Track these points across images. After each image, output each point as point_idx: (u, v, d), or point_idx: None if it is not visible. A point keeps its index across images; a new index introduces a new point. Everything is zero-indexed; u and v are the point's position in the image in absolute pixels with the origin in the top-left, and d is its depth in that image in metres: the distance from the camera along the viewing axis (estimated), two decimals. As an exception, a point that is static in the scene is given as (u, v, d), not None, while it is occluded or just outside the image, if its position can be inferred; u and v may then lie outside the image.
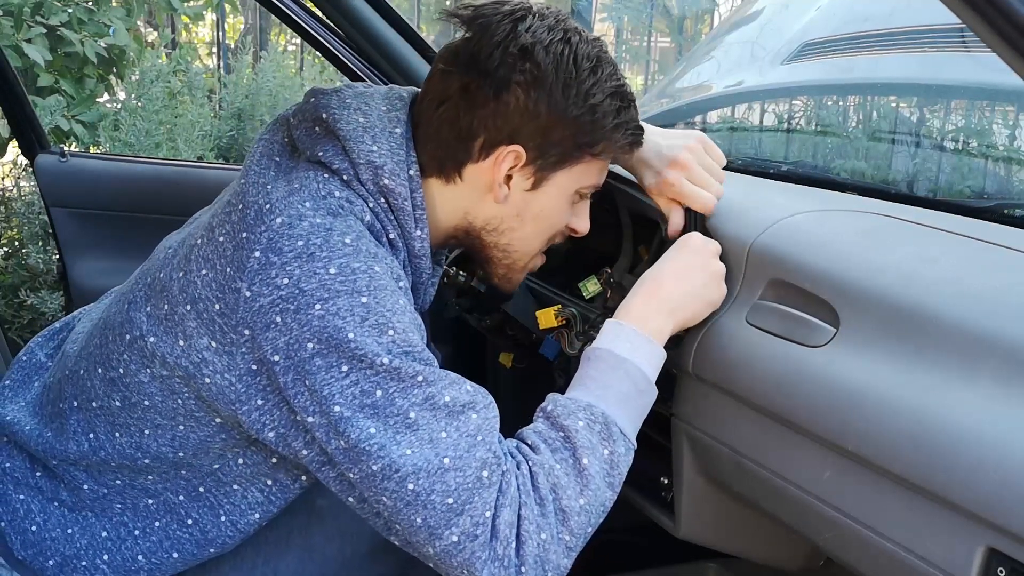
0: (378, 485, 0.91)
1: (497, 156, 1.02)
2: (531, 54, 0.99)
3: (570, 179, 1.07)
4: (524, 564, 0.92)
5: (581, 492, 0.95)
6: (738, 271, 1.06)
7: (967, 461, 0.73)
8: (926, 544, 0.78)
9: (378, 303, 0.92)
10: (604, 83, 1.02)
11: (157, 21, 4.38)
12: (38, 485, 1.07)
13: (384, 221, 1.00)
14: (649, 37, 5.86)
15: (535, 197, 1.07)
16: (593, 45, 1.03)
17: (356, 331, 0.90)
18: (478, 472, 0.92)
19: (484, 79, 1.00)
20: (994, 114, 1.51)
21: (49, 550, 1.05)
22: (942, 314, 0.83)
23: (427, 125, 1.04)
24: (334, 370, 0.90)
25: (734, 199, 1.19)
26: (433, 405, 0.92)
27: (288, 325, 0.90)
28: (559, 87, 1.00)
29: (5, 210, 3.22)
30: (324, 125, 1.02)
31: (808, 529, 0.94)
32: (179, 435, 1.01)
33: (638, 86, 5.99)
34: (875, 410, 0.82)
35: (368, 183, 0.99)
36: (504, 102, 1.00)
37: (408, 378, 0.91)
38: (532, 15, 1.02)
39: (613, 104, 1.03)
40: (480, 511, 0.91)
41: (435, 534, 0.91)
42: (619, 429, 0.99)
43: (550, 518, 0.94)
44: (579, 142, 1.04)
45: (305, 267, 0.91)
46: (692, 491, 1.13)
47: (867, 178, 1.49)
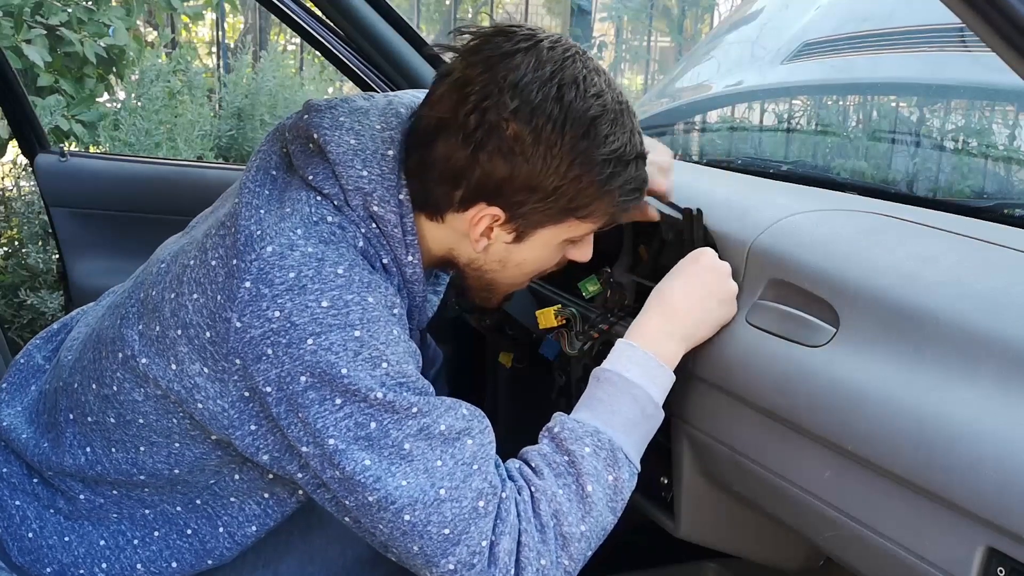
0: (374, 515, 0.91)
1: (476, 212, 0.98)
2: (515, 118, 0.92)
3: (557, 234, 1.02)
4: None
5: (583, 518, 0.95)
6: (738, 271, 1.06)
7: (967, 461, 0.73)
8: (926, 544, 0.78)
9: (371, 336, 0.91)
10: (596, 149, 0.94)
11: (157, 21, 4.38)
12: (35, 492, 1.07)
13: (377, 246, 0.98)
14: (649, 37, 5.86)
15: (518, 249, 1.03)
16: (590, 102, 0.94)
17: (349, 366, 0.89)
18: (474, 503, 0.92)
19: (463, 133, 0.94)
20: (994, 114, 1.51)
21: (46, 557, 1.05)
22: (942, 314, 0.83)
23: (414, 160, 0.99)
24: (328, 403, 0.90)
25: (734, 199, 1.19)
26: (428, 435, 0.92)
27: (280, 358, 0.89)
28: (541, 156, 0.93)
29: (5, 210, 3.22)
30: (316, 144, 0.99)
31: (808, 529, 0.94)
32: (174, 452, 1.01)
33: (638, 86, 5.99)
34: (875, 410, 0.82)
35: (358, 208, 0.97)
36: (481, 163, 0.94)
37: (402, 410, 0.91)
38: (529, 60, 0.93)
39: (604, 171, 0.96)
40: (476, 540, 0.91)
41: (432, 562, 0.92)
42: (625, 455, 0.99)
43: (550, 544, 0.94)
44: (564, 208, 0.98)
45: (297, 300, 0.90)
46: (692, 491, 1.13)
47: (867, 178, 1.49)
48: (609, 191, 0.98)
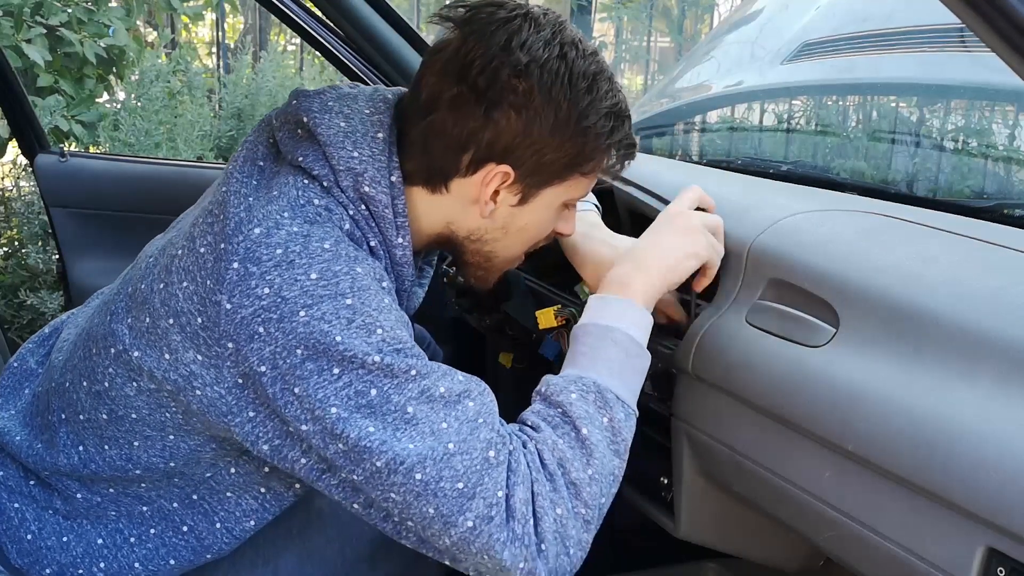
0: (385, 481, 0.90)
1: (486, 174, 1.00)
2: (526, 74, 0.96)
3: (557, 194, 1.05)
4: (544, 541, 0.91)
5: (588, 463, 0.95)
6: (738, 271, 1.06)
7: (967, 461, 0.73)
8: (926, 544, 0.78)
9: (363, 303, 0.91)
10: (599, 103, 1.00)
11: (157, 21, 4.38)
12: (32, 494, 1.07)
13: (364, 228, 0.98)
14: (649, 37, 5.86)
15: (521, 212, 1.05)
16: (590, 60, 1.00)
17: (343, 334, 0.89)
18: (484, 453, 0.91)
19: (475, 95, 0.97)
20: (994, 114, 1.51)
21: (45, 558, 1.05)
22: (942, 314, 0.83)
23: (415, 132, 1.01)
24: (326, 373, 0.89)
25: (734, 199, 1.19)
26: (430, 397, 0.91)
27: (272, 335, 0.89)
28: (552, 109, 0.97)
29: (5, 210, 3.22)
30: (305, 128, 1.00)
31: (808, 529, 0.94)
32: (169, 445, 1.01)
33: (638, 86, 5.99)
34: (875, 410, 0.82)
35: (348, 190, 0.97)
36: (495, 121, 0.97)
37: (401, 373, 0.91)
38: (528, 24, 0.98)
39: (607, 124, 1.01)
40: (492, 491, 0.90)
41: (450, 522, 0.90)
42: (615, 395, 0.98)
43: (562, 492, 0.93)
44: (571, 162, 1.02)
45: (285, 275, 0.90)
46: (692, 491, 1.13)
47: (867, 178, 1.49)
48: (610, 145, 1.03)
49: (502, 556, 0.90)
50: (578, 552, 0.94)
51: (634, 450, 1.31)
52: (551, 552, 0.91)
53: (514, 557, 0.90)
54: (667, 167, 1.63)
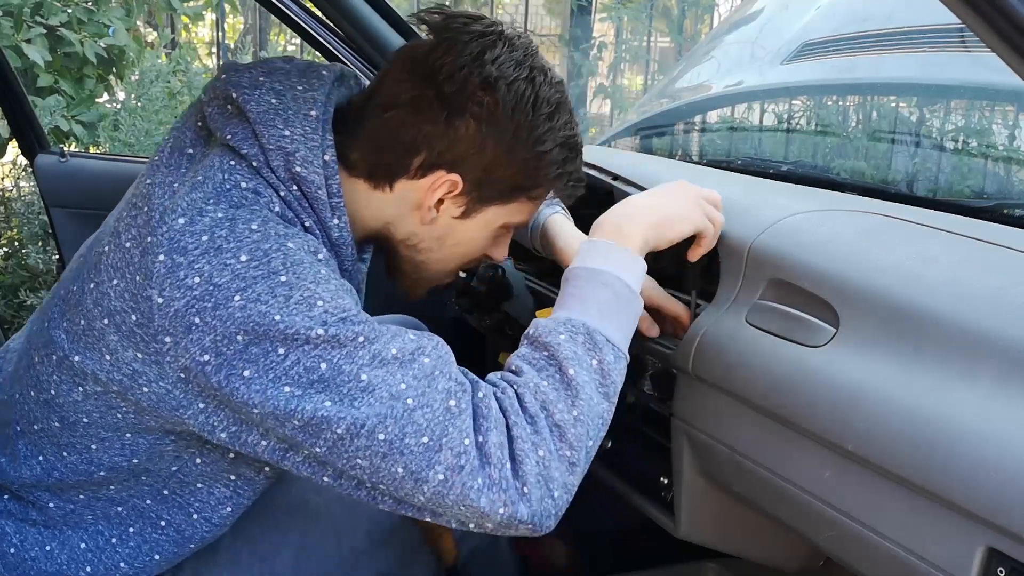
0: (348, 448, 0.88)
1: (434, 180, 0.99)
2: (492, 88, 0.96)
3: (499, 215, 1.05)
4: (526, 484, 0.90)
5: (573, 404, 0.93)
6: (738, 271, 1.06)
7: (967, 461, 0.73)
8: (926, 544, 0.78)
9: (299, 278, 0.89)
10: (557, 131, 1.00)
11: (157, 21, 4.38)
12: (7, 508, 1.06)
13: (298, 210, 0.95)
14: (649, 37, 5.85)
15: (461, 225, 1.04)
16: (556, 89, 1.00)
17: (282, 312, 0.87)
18: (445, 403, 0.90)
19: (439, 99, 0.96)
20: (994, 114, 1.51)
21: (32, 570, 1.04)
22: (942, 314, 0.83)
23: (369, 125, 1.00)
24: (271, 355, 0.87)
25: (734, 199, 1.19)
26: (383, 361, 0.89)
27: (210, 324, 0.87)
28: (512, 128, 0.97)
29: (5, 210, 3.22)
30: (235, 104, 0.96)
31: (808, 529, 0.94)
32: (127, 444, 0.99)
33: (638, 86, 5.99)
34: (875, 410, 0.82)
35: (279, 170, 0.94)
36: (455, 128, 0.96)
37: (349, 342, 0.88)
38: (502, 43, 0.98)
39: (561, 154, 1.01)
40: (458, 440, 0.89)
41: (420, 478, 0.89)
42: (604, 338, 0.97)
43: (544, 434, 0.91)
44: (519, 184, 1.02)
45: (214, 261, 0.87)
46: (692, 491, 1.13)
47: (867, 178, 1.49)
48: (561, 175, 1.03)
49: (479, 503, 0.89)
50: (563, 495, 0.92)
51: (634, 450, 1.31)
52: (534, 495, 0.90)
53: (492, 503, 0.89)
54: (667, 167, 1.63)
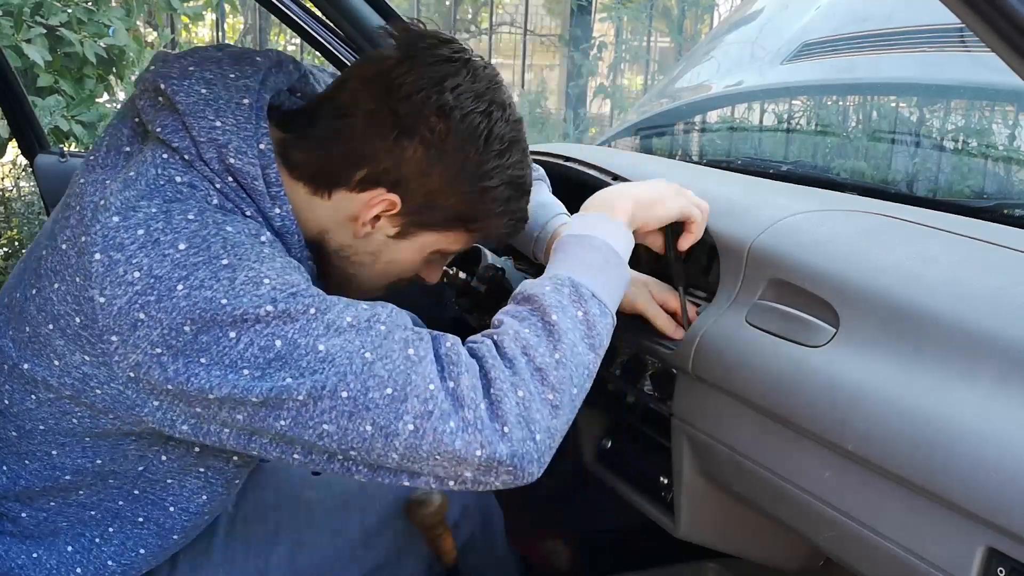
0: (312, 413, 0.87)
1: (373, 196, 0.97)
2: (447, 116, 0.95)
3: (435, 241, 1.04)
4: (507, 424, 0.88)
5: (555, 347, 0.92)
6: (738, 271, 1.06)
7: (967, 461, 0.73)
8: (926, 544, 0.78)
9: (241, 260, 0.87)
10: (506, 169, 0.99)
11: (157, 21, 4.38)
12: None
13: (237, 200, 0.93)
14: (649, 37, 5.85)
15: (395, 245, 1.03)
16: (512, 127, 0.99)
17: (229, 295, 0.85)
18: (403, 352, 0.88)
19: (392, 117, 0.94)
20: (994, 114, 1.51)
21: None
22: (942, 314, 0.83)
23: (319, 129, 0.98)
24: (224, 340, 0.85)
25: (734, 199, 1.19)
26: (338, 329, 0.88)
27: (156, 317, 0.85)
28: (460, 159, 0.96)
29: (5, 210, 3.23)
30: (165, 96, 0.94)
31: (808, 529, 0.94)
32: (88, 446, 0.98)
33: (638, 86, 5.99)
34: (875, 410, 0.82)
35: (213, 162, 0.92)
36: (401, 148, 0.95)
37: (301, 315, 0.87)
38: (467, 71, 0.97)
39: (506, 192, 1.00)
40: (423, 387, 0.88)
41: (390, 432, 0.87)
42: (590, 292, 0.96)
43: (524, 376, 0.90)
44: (459, 215, 1.01)
45: (152, 253, 0.85)
46: (692, 491, 1.13)
47: (867, 178, 1.49)
48: (503, 213, 1.02)
49: (454, 446, 0.87)
50: (546, 439, 0.91)
51: (634, 450, 1.31)
52: (515, 435, 0.89)
53: (467, 444, 0.88)
54: (667, 167, 1.63)
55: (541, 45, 6.31)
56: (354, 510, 1.23)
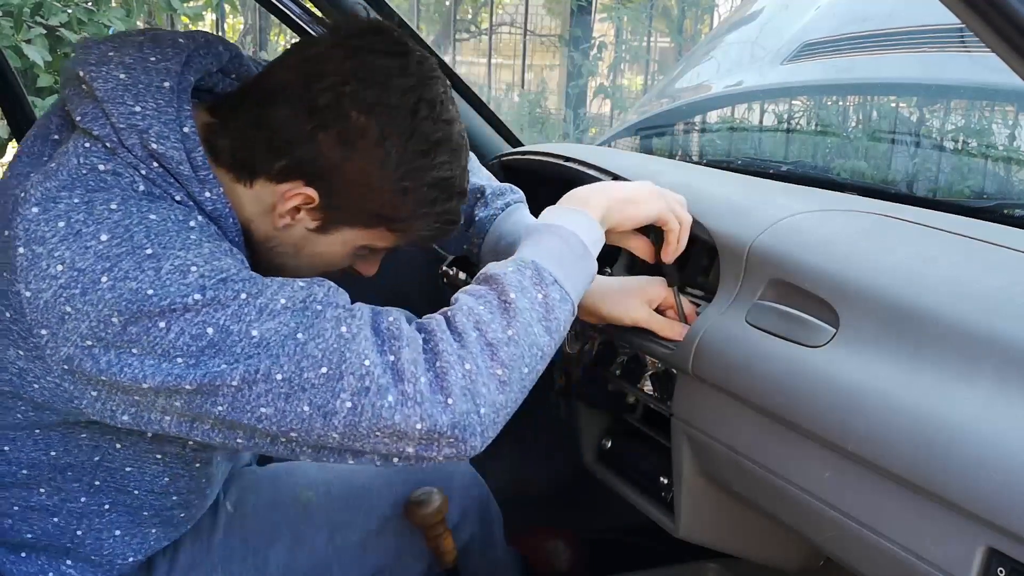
0: (248, 397, 0.86)
1: (290, 188, 0.95)
2: (367, 112, 0.91)
3: (358, 237, 1.01)
4: (450, 396, 0.87)
5: (508, 324, 0.91)
6: (738, 271, 1.06)
7: (967, 461, 0.73)
8: (926, 544, 0.78)
9: (166, 248, 0.85)
10: (428, 171, 0.95)
11: (157, 21, 4.38)
12: None
13: (164, 186, 0.91)
14: (649, 37, 5.85)
15: (316, 239, 1.00)
16: (439, 126, 0.95)
17: (155, 285, 0.84)
18: (336, 330, 0.87)
19: (309, 108, 0.92)
20: (994, 114, 1.51)
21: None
22: (942, 314, 0.83)
23: (243, 115, 0.95)
24: (153, 331, 0.84)
25: (734, 199, 1.19)
26: (272, 313, 0.87)
27: (82, 310, 0.84)
28: (378, 158, 0.93)
29: (5, 210, 3.22)
30: (85, 83, 0.91)
31: (808, 529, 0.94)
32: (39, 439, 0.97)
33: (638, 86, 5.99)
34: (875, 410, 0.82)
35: (135, 148, 0.89)
36: (317, 142, 0.92)
37: (232, 301, 0.86)
38: (398, 67, 0.93)
39: (430, 194, 0.97)
40: (357, 363, 0.86)
41: (328, 411, 0.86)
42: (553, 277, 0.95)
43: (472, 350, 0.89)
44: (377, 215, 0.98)
45: (74, 246, 0.84)
46: (692, 491, 1.13)
47: (867, 178, 1.49)
48: (427, 215, 0.99)
49: (393, 420, 0.86)
50: (491, 413, 0.90)
51: (634, 450, 1.31)
52: (458, 407, 0.87)
53: (407, 418, 0.86)
54: (667, 167, 1.63)
55: (541, 45, 6.31)
56: (353, 510, 1.23)
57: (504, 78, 6.07)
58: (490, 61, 5.93)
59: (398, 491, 1.24)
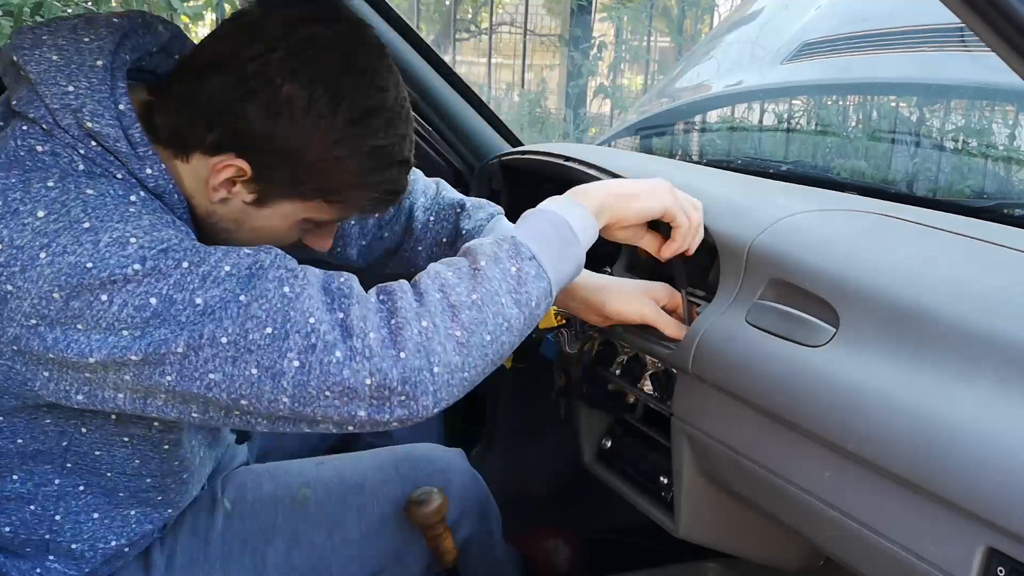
0: (196, 364, 0.85)
1: (221, 160, 0.94)
2: (295, 81, 0.90)
3: (298, 210, 0.99)
4: (403, 350, 0.87)
5: (474, 289, 0.91)
6: (738, 271, 1.06)
7: (967, 461, 0.73)
8: (926, 544, 0.78)
9: (103, 221, 0.85)
10: (361, 140, 0.94)
11: (157, 21, 4.38)
12: None
13: (104, 164, 0.91)
14: (649, 37, 5.85)
15: (256, 212, 0.99)
16: (369, 95, 0.93)
17: (93, 258, 0.83)
18: (279, 290, 0.87)
19: (238, 77, 0.91)
20: (994, 114, 1.51)
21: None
22: (942, 314, 0.83)
23: (176, 89, 0.95)
24: (96, 305, 0.84)
25: (734, 199, 1.19)
26: (216, 280, 0.86)
27: (24, 288, 0.83)
28: (307, 128, 0.92)
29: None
30: (20, 68, 0.92)
31: (808, 529, 0.94)
32: (3, 426, 0.96)
33: (638, 86, 5.99)
34: (875, 410, 0.82)
35: (71, 128, 0.89)
36: (245, 113, 0.91)
37: (173, 270, 0.85)
38: (330, 34, 0.92)
39: (365, 163, 0.95)
40: (302, 322, 0.86)
41: (276, 371, 0.86)
42: (530, 253, 0.94)
43: (431, 308, 0.89)
44: (314, 185, 0.96)
45: (12, 224, 0.84)
46: (692, 491, 1.13)
47: (867, 178, 1.49)
48: (365, 184, 0.98)
49: (342, 376, 0.86)
50: (444, 374, 0.88)
51: (634, 450, 1.31)
52: (410, 363, 0.87)
53: (356, 373, 0.86)
54: (667, 167, 1.63)
55: (541, 45, 6.31)
56: (352, 508, 1.23)
57: (504, 78, 6.07)
58: (490, 61, 5.93)
59: (397, 490, 1.24)
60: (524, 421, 1.88)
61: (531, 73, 6.10)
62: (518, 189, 1.68)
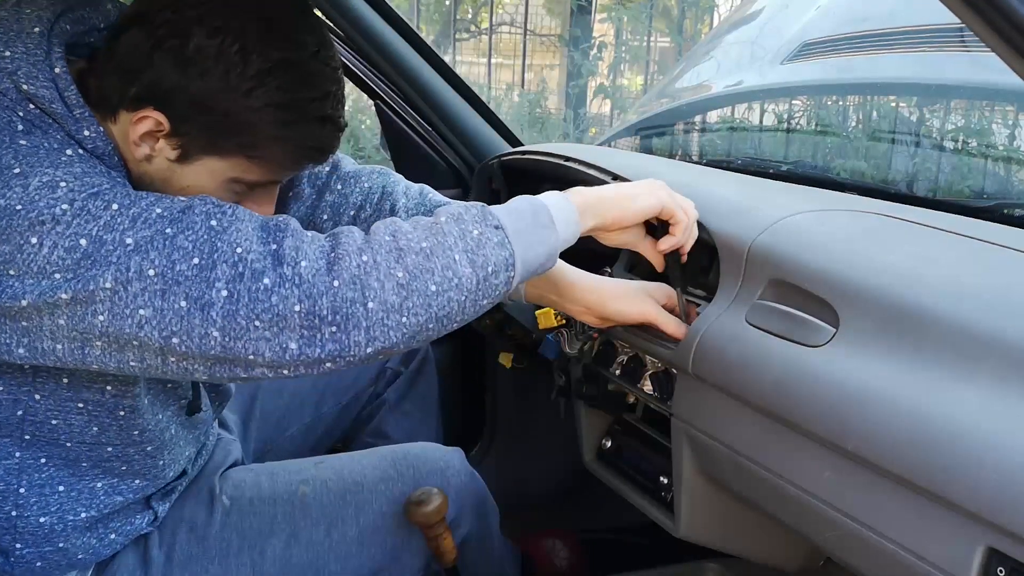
0: (126, 300, 0.86)
1: (139, 115, 0.93)
2: (202, 29, 0.90)
3: (222, 168, 0.98)
4: (338, 279, 0.87)
5: (426, 238, 0.91)
6: (738, 271, 1.06)
7: (967, 461, 0.74)
8: (926, 544, 0.78)
9: (33, 167, 0.86)
10: (272, 92, 0.92)
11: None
12: None
13: (44, 126, 0.92)
14: (649, 37, 5.85)
15: (181, 170, 0.98)
16: (283, 47, 0.93)
17: (23, 201, 0.84)
18: (206, 223, 0.88)
19: (147, 29, 0.91)
20: (994, 114, 1.52)
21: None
22: (942, 314, 0.83)
23: (106, 48, 0.96)
24: (27, 247, 0.84)
25: (734, 199, 1.19)
26: (147, 221, 0.87)
27: None
28: (217, 77, 0.91)
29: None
30: None
31: (808, 529, 0.94)
32: None
33: (638, 86, 5.99)
34: (875, 410, 0.82)
35: (9, 92, 0.91)
36: (155, 64, 0.91)
37: (103, 212, 0.86)
38: None
39: (279, 116, 0.94)
40: (229, 252, 0.87)
41: (205, 302, 0.86)
42: (497, 222, 0.94)
43: (376, 246, 0.90)
44: (232, 140, 0.96)
45: None
46: (692, 491, 1.13)
47: (867, 178, 1.50)
48: (284, 138, 0.96)
49: (270, 302, 0.86)
50: (379, 311, 0.88)
51: (634, 450, 1.31)
52: (344, 293, 0.87)
53: (284, 299, 0.86)
54: (667, 167, 1.63)
55: (541, 45, 6.31)
56: (350, 506, 1.23)
57: (504, 78, 6.07)
58: (490, 61, 5.93)
59: (396, 489, 1.24)
60: (524, 421, 1.88)
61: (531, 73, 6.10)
62: (518, 189, 1.67)
